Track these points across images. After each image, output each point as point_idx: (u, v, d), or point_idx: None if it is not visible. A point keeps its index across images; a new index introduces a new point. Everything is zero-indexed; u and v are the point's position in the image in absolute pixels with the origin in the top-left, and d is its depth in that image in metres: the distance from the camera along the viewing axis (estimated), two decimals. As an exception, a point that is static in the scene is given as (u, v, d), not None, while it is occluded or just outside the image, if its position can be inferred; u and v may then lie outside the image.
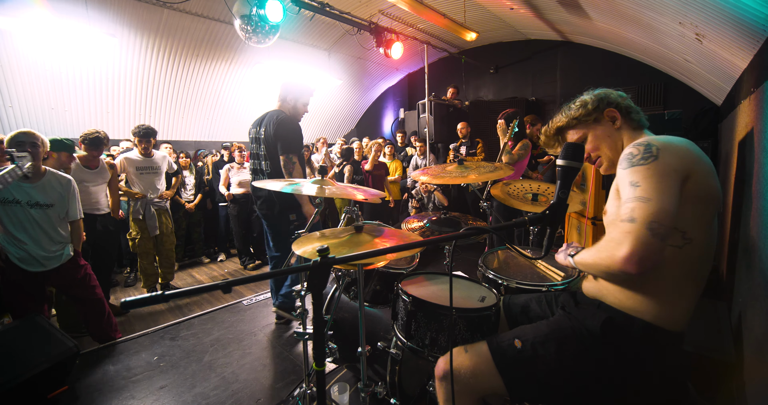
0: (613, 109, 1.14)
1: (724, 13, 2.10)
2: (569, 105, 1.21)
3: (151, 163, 3.57)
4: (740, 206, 2.23)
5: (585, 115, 1.16)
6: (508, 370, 1.04)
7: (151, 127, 3.51)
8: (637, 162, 0.92)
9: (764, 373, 1.41)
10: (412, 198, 5.36)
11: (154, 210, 3.60)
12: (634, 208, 0.87)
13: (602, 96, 1.17)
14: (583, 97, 1.20)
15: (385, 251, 0.77)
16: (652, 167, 0.90)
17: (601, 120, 1.15)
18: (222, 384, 2.23)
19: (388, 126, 8.61)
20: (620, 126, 1.14)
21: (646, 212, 0.85)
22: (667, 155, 0.91)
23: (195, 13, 4.69)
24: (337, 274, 1.86)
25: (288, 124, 2.58)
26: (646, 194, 0.87)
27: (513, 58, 6.60)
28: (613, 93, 1.18)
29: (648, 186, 0.88)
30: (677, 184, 0.89)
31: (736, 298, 2.15)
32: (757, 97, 2.01)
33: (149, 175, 3.56)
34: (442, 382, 1.13)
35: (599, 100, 1.15)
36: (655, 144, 0.93)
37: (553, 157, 4.35)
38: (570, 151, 0.90)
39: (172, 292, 0.57)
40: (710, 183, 0.93)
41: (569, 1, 4.04)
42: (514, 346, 1.06)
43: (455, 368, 1.09)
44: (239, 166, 4.66)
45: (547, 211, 0.84)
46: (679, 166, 0.90)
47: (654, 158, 0.91)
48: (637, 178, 0.90)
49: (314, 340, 0.74)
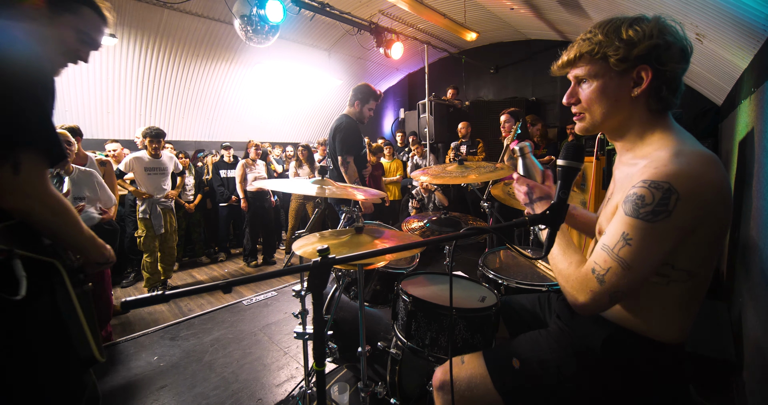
0: (650, 70, 0.82)
1: (724, 13, 2.10)
2: (615, 24, 0.85)
3: (159, 164, 3.66)
4: (740, 206, 2.22)
5: (616, 57, 0.83)
6: (506, 389, 1.01)
7: (160, 129, 3.60)
8: (644, 216, 0.76)
9: (764, 373, 1.41)
10: (412, 198, 5.36)
11: (160, 209, 3.68)
12: (610, 269, 0.79)
13: (654, 42, 0.80)
14: (636, 23, 0.83)
15: (385, 251, 0.77)
16: (657, 228, 0.76)
17: (624, 75, 0.85)
18: (222, 384, 2.23)
19: (388, 126, 8.60)
20: (638, 97, 0.86)
21: (618, 281, 0.79)
22: (687, 209, 0.74)
23: (195, 13, 4.69)
24: (337, 274, 1.86)
25: (346, 127, 2.85)
26: (630, 259, 0.78)
27: (513, 58, 6.59)
28: (678, 42, 0.82)
29: (638, 249, 0.77)
30: (675, 245, 0.78)
31: (736, 298, 2.15)
32: (757, 97, 2.01)
33: (157, 175, 3.64)
34: (439, 392, 1.12)
35: (650, 49, 0.80)
36: (678, 191, 0.74)
37: (554, 158, 4.35)
38: (571, 151, 0.88)
39: (172, 292, 0.57)
40: (724, 224, 0.81)
41: (569, 1, 4.04)
42: (512, 366, 1.02)
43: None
44: (253, 162, 4.69)
45: (547, 211, 0.83)
46: (691, 222, 0.77)
47: (666, 215, 0.75)
48: (632, 234, 0.78)
49: (314, 340, 0.74)
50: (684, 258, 0.82)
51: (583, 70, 0.89)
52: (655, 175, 0.78)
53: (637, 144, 0.91)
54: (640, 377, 0.91)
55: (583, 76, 0.90)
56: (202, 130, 6.19)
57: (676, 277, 0.83)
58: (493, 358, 1.08)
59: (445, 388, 1.09)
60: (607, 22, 0.87)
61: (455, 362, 1.11)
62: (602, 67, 0.87)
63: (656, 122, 0.89)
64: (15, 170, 0.80)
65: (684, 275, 0.83)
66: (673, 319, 0.88)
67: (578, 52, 0.88)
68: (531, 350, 1.04)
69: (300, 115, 7.36)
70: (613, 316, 0.93)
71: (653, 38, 0.81)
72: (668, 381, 0.91)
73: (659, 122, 0.89)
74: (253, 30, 3.43)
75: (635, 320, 0.89)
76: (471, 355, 1.11)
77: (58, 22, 0.95)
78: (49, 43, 0.94)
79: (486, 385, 1.03)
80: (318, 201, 1.77)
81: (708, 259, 0.84)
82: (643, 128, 0.90)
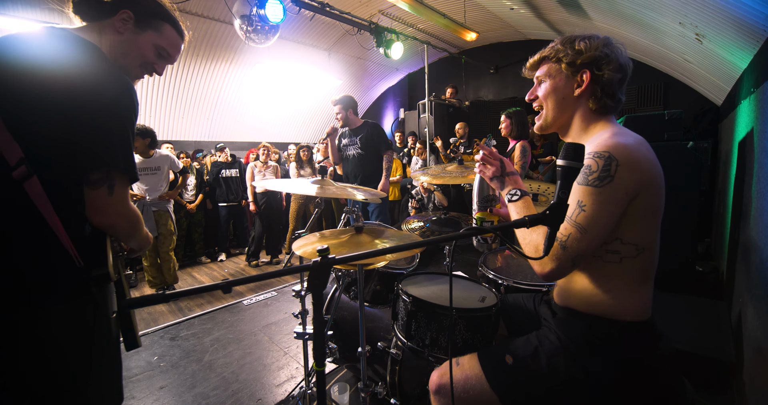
0: (589, 73, 0.99)
1: (724, 13, 2.10)
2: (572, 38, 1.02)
3: (151, 164, 3.48)
4: (740, 206, 2.23)
5: (566, 61, 1.00)
6: (500, 386, 1.04)
7: (148, 128, 3.41)
8: (592, 182, 0.89)
9: (764, 373, 1.41)
10: (412, 198, 5.36)
11: (152, 212, 3.50)
12: (570, 235, 0.91)
13: (597, 54, 0.97)
14: (588, 39, 1.00)
15: (385, 251, 0.77)
16: (604, 191, 0.88)
17: (571, 78, 1.02)
18: (222, 384, 2.23)
19: (388, 126, 8.61)
20: (580, 96, 1.01)
21: (578, 245, 0.90)
22: (625, 174, 0.88)
23: (195, 13, 4.69)
24: (337, 274, 1.86)
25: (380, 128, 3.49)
26: (585, 223, 0.89)
27: (513, 58, 6.60)
28: (618, 57, 0.99)
29: (592, 212, 0.89)
30: (622, 207, 0.90)
31: (736, 298, 2.15)
32: (757, 97, 2.02)
33: (149, 175, 3.47)
34: (436, 395, 1.13)
35: (593, 58, 0.97)
36: (616, 157, 0.88)
37: (554, 158, 4.35)
38: (570, 151, 0.89)
39: (172, 292, 0.57)
40: (659, 196, 0.93)
41: (569, 1, 4.04)
42: (506, 362, 1.06)
43: (447, 381, 1.09)
44: (263, 164, 4.66)
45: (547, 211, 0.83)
46: (632, 187, 0.89)
47: (610, 180, 0.88)
48: (585, 200, 0.90)
49: (314, 340, 0.74)
50: (630, 231, 0.93)
51: (542, 71, 1.07)
52: (597, 147, 0.92)
53: (582, 137, 1.05)
54: (620, 357, 0.97)
55: (541, 77, 1.08)
56: (202, 130, 6.19)
57: (626, 252, 0.94)
58: (487, 357, 1.10)
59: (441, 392, 1.11)
60: (567, 37, 1.05)
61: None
62: (556, 70, 1.04)
63: (598, 119, 1.03)
64: (110, 191, 0.91)
65: (633, 250, 0.94)
66: (632, 297, 0.97)
67: (541, 55, 1.08)
68: (523, 347, 1.08)
69: (300, 115, 7.36)
70: (584, 306, 1.03)
71: (597, 50, 0.98)
72: (644, 354, 0.97)
73: (601, 120, 1.03)
74: (253, 30, 3.43)
75: (602, 305, 0.99)
76: (465, 357, 1.13)
77: (142, 36, 1.02)
78: (129, 57, 1.02)
79: (482, 385, 1.05)
80: (318, 201, 1.77)
81: (651, 233, 0.95)
82: (587, 124, 1.04)
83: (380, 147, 3.37)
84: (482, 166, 1.16)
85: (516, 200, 1.07)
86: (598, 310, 0.99)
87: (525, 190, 1.09)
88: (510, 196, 1.09)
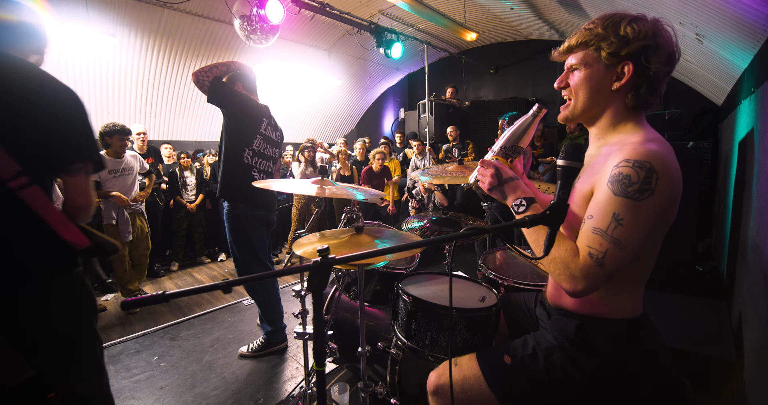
0: (632, 66, 0.87)
1: (724, 13, 2.10)
2: (616, 19, 0.89)
3: (123, 164, 3.28)
4: (740, 206, 2.23)
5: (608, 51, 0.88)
6: (498, 385, 1.04)
7: (122, 125, 3.21)
8: (632, 194, 0.81)
9: (764, 373, 1.41)
10: (412, 198, 5.36)
11: (127, 214, 3.34)
12: (607, 251, 0.82)
13: (646, 44, 0.85)
14: (635, 22, 0.87)
15: (385, 251, 0.77)
16: (644, 205, 0.81)
17: (610, 68, 0.90)
18: (222, 384, 2.23)
19: (388, 126, 8.61)
20: (617, 90, 0.91)
21: (616, 261, 0.82)
22: (664, 187, 0.81)
23: (195, 13, 4.69)
24: (337, 274, 1.86)
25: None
26: (624, 239, 0.82)
27: (513, 58, 6.59)
28: (668, 47, 0.87)
29: (630, 228, 0.81)
30: (657, 222, 0.85)
31: (736, 298, 2.15)
32: (757, 97, 2.02)
33: (123, 177, 3.28)
34: (434, 396, 1.13)
35: (641, 48, 0.85)
36: (657, 170, 0.81)
37: (554, 158, 4.35)
38: (571, 151, 0.88)
39: (173, 292, 0.57)
40: (676, 208, 0.88)
41: (569, 1, 4.04)
42: (504, 362, 1.06)
43: (445, 382, 1.09)
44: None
45: (547, 211, 0.83)
46: (666, 200, 0.83)
47: (650, 194, 0.81)
48: (623, 214, 0.82)
49: (314, 340, 0.74)
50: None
51: (577, 58, 0.95)
52: (635, 154, 0.83)
53: (608, 133, 0.97)
54: (615, 355, 0.97)
55: (576, 64, 0.95)
56: (202, 130, 6.19)
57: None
58: (486, 358, 1.10)
59: (439, 393, 1.11)
60: (609, 17, 0.91)
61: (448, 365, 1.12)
62: (593, 58, 0.92)
63: (630, 116, 0.94)
64: (87, 176, 1.11)
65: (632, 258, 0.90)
66: (624, 296, 0.96)
67: (578, 40, 0.94)
68: (521, 347, 1.08)
69: (300, 115, 7.35)
70: (576, 306, 1.02)
71: (646, 39, 0.86)
72: (639, 351, 0.97)
73: (633, 117, 0.94)
74: (253, 30, 3.43)
75: (594, 305, 0.98)
76: (464, 357, 1.13)
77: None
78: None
79: (480, 385, 1.05)
80: (318, 201, 1.77)
81: (656, 242, 0.92)
82: (617, 120, 0.95)
83: None
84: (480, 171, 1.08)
85: (524, 211, 0.97)
86: (590, 310, 0.99)
87: (530, 196, 0.99)
88: (516, 207, 0.99)
